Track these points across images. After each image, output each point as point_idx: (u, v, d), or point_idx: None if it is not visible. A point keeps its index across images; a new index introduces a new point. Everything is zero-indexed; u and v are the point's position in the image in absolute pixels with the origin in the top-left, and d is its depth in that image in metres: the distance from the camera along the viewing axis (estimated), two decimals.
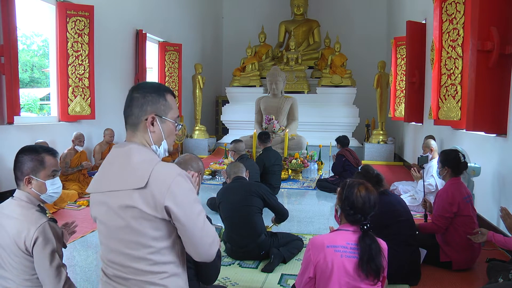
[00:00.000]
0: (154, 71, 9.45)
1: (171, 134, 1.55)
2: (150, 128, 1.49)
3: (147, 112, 1.48)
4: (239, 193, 3.45)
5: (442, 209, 3.18)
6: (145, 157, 1.45)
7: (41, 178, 1.96)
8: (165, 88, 1.55)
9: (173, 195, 1.38)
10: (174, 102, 1.56)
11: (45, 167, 1.97)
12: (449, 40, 4.76)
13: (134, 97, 1.50)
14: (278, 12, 12.75)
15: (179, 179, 1.41)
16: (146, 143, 1.50)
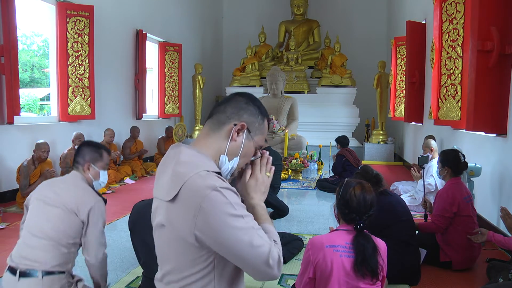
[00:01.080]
0: (154, 71, 9.45)
1: (247, 156, 1.32)
2: (233, 135, 1.27)
3: (241, 118, 1.28)
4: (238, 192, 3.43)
5: (442, 209, 3.17)
6: (185, 162, 1.21)
7: (97, 167, 2.36)
8: (267, 113, 1.38)
9: (204, 216, 1.12)
10: (265, 131, 1.37)
11: (102, 160, 2.40)
12: (449, 40, 4.76)
13: (236, 98, 1.32)
14: (278, 12, 12.75)
15: (214, 194, 1.12)
16: (218, 149, 1.28)
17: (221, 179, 1.18)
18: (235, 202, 1.14)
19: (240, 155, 1.29)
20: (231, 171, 1.31)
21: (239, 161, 1.30)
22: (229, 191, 1.15)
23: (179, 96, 9.66)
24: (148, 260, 2.10)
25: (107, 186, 6.11)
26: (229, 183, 1.20)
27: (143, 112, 8.44)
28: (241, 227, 1.12)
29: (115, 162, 6.98)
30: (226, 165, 1.28)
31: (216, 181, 1.15)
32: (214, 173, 1.19)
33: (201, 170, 1.18)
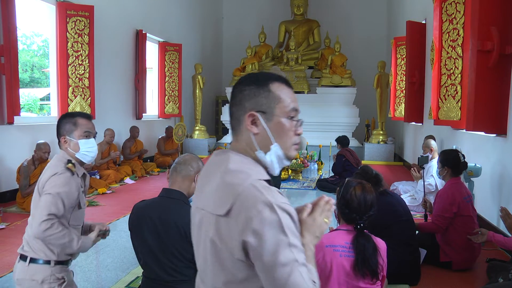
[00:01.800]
0: (154, 71, 9.45)
1: (285, 133, 1.16)
2: (252, 130, 1.15)
3: (246, 108, 1.16)
4: None
5: (442, 209, 3.18)
6: (235, 171, 1.11)
7: (75, 138, 2.16)
8: (268, 76, 1.20)
9: (253, 230, 1.01)
10: (286, 91, 1.18)
11: (78, 127, 2.17)
12: (449, 40, 4.76)
13: (232, 94, 1.21)
14: (278, 12, 12.75)
15: (273, 208, 1.01)
16: (251, 150, 1.16)
17: (278, 193, 1.07)
18: (287, 226, 1.02)
19: (274, 139, 1.15)
20: (279, 160, 1.17)
21: (279, 145, 1.15)
22: (284, 213, 1.03)
23: (179, 96, 9.66)
24: (148, 260, 2.10)
25: (106, 186, 6.11)
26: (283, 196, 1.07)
27: (143, 112, 8.44)
28: (288, 260, 1.00)
29: (115, 162, 6.98)
30: (267, 158, 1.15)
31: (273, 196, 1.04)
32: (263, 181, 1.09)
33: (254, 179, 1.07)
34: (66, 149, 2.17)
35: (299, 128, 1.21)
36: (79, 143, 2.16)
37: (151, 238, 2.06)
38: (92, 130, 2.22)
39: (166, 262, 2.04)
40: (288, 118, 1.17)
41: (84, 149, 2.18)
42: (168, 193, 2.14)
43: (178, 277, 2.05)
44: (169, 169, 2.23)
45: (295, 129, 1.19)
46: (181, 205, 2.10)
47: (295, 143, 1.19)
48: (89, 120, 2.23)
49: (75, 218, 2.14)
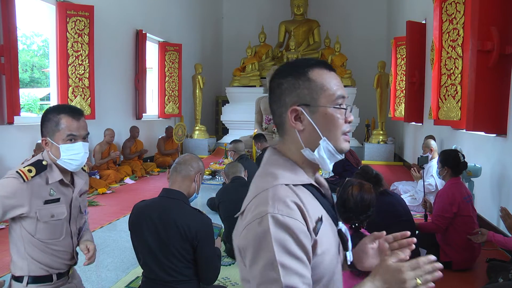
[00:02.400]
0: (154, 71, 9.45)
1: (333, 124, 1.03)
2: (296, 126, 1.03)
3: (287, 104, 1.04)
4: (239, 192, 3.44)
5: (442, 209, 3.18)
6: (266, 173, 1.04)
7: (56, 141, 1.81)
8: (306, 63, 1.06)
9: (246, 238, 0.96)
10: (328, 77, 1.04)
11: (59, 130, 1.81)
12: (449, 40, 4.76)
13: (270, 89, 1.10)
14: (278, 12, 12.75)
15: (266, 220, 0.92)
16: (296, 149, 1.06)
17: (292, 205, 0.94)
18: (279, 243, 0.91)
19: (322, 134, 1.03)
20: (330, 156, 1.04)
21: (328, 139, 1.03)
22: (280, 228, 0.91)
23: (179, 96, 9.66)
24: (148, 260, 2.10)
25: (106, 186, 6.11)
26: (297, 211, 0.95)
27: (143, 112, 8.44)
28: (272, 280, 0.90)
29: (115, 162, 6.98)
30: (316, 155, 1.04)
31: (276, 207, 0.93)
32: (300, 186, 1.01)
33: (277, 183, 0.99)
34: (47, 152, 1.85)
35: (349, 115, 1.06)
36: (61, 148, 1.80)
37: (151, 238, 2.06)
38: (78, 133, 1.83)
39: (166, 262, 2.04)
40: (335, 106, 1.03)
41: (67, 156, 1.82)
42: (168, 193, 2.14)
43: (178, 277, 2.05)
44: (169, 169, 2.23)
45: (344, 117, 1.05)
46: (181, 205, 2.10)
47: (344, 132, 1.05)
48: (77, 118, 1.83)
49: (42, 231, 1.82)
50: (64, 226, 1.90)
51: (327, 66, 1.07)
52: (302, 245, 0.92)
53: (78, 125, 1.84)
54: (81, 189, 2.02)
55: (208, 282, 2.18)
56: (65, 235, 1.91)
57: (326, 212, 1.06)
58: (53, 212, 1.83)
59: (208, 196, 5.40)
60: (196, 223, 2.04)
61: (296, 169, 1.05)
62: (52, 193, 1.83)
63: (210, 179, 7.01)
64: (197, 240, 2.03)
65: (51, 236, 1.85)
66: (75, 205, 1.96)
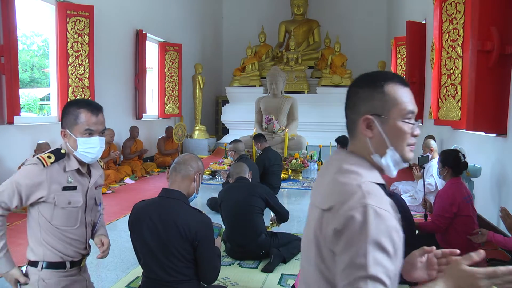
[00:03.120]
0: (154, 71, 9.45)
1: (401, 136, 1.12)
2: (366, 134, 1.14)
3: (360, 113, 1.15)
4: (241, 192, 3.46)
5: (442, 209, 3.17)
6: (347, 170, 1.11)
7: (74, 134, 1.92)
8: (384, 76, 1.15)
9: (343, 225, 1.00)
10: (402, 92, 1.13)
11: (78, 123, 1.91)
12: (449, 40, 4.76)
13: (347, 95, 1.20)
14: (278, 12, 12.75)
15: (367, 211, 0.98)
16: (367, 153, 1.15)
17: (386, 201, 1.03)
18: (376, 235, 0.96)
19: (390, 144, 1.12)
20: (395, 164, 1.14)
21: (395, 149, 1.12)
22: (380, 219, 0.98)
23: (179, 96, 9.66)
24: (148, 260, 2.10)
25: (106, 186, 6.11)
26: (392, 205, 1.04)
27: (143, 112, 8.44)
28: (367, 275, 0.94)
29: (115, 162, 6.98)
30: (382, 163, 1.13)
31: (374, 200, 1.00)
32: (378, 186, 1.08)
33: (365, 180, 1.06)
34: (65, 143, 1.96)
35: (416, 130, 1.15)
36: (78, 141, 1.91)
37: (151, 238, 2.06)
38: (96, 127, 1.93)
39: (166, 262, 2.04)
40: (405, 120, 1.13)
41: (83, 148, 1.92)
42: (168, 193, 2.14)
43: (178, 277, 2.05)
44: (169, 169, 2.23)
45: (411, 131, 1.14)
46: (180, 205, 2.10)
47: (410, 144, 1.15)
48: (96, 114, 1.93)
49: (59, 217, 1.90)
50: (79, 215, 1.97)
51: (403, 81, 1.16)
52: (393, 240, 0.99)
53: (96, 120, 1.94)
54: (97, 182, 2.09)
55: (208, 282, 2.18)
56: (80, 224, 1.98)
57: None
58: (70, 199, 1.92)
59: (208, 196, 5.40)
60: (196, 223, 2.04)
61: (373, 169, 1.14)
62: (70, 180, 1.93)
63: (210, 179, 7.01)
64: (197, 240, 2.03)
65: (67, 223, 1.93)
66: (91, 196, 2.04)
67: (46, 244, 1.89)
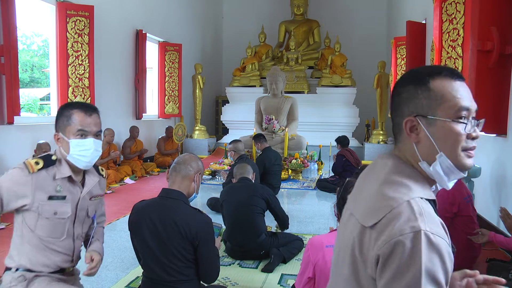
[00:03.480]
0: (154, 71, 9.45)
1: (452, 139, 0.97)
2: (411, 137, 1.00)
3: (404, 114, 1.01)
4: (243, 192, 3.47)
5: (442, 209, 3.17)
6: (396, 182, 0.98)
7: (67, 136, 1.79)
8: (429, 71, 1.00)
9: (391, 251, 0.88)
10: (451, 87, 0.98)
11: (70, 124, 1.78)
12: (449, 40, 4.76)
13: (391, 97, 1.07)
14: (278, 12, 12.75)
15: (419, 238, 0.86)
16: (414, 161, 1.02)
17: (437, 223, 0.92)
18: (428, 268, 0.85)
19: (440, 149, 0.98)
20: (448, 172, 1.00)
21: (445, 154, 0.98)
22: (432, 249, 0.86)
23: (179, 96, 9.66)
24: (148, 260, 2.10)
25: (106, 186, 6.11)
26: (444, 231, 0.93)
27: (143, 112, 8.44)
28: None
29: (115, 162, 6.98)
30: (431, 171, 1.00)
31: (427, 223, 0.88)
32: (429, 203, 0.96)
33: (414, 196, 0.94)
34: (59, 148, 1.84)
35: (474, 130, 0.99)
36: (70, 143, 1.78)
37: (151, 238, 2.06)
38: (90, 128, 1.80)
39: (166, 262, 2.04)
40: (456, 120, 0.97)
41: (76, 151, 1.78)
42: (168, 193, 2.14)
43: (178, 277, 2.05)
44: (169, 169, 2.23)
45: (467, 132, 0.97)
46: (181, 205, 2.10)
47: (466, 148, 0.98)
48: (89, 114, 1.81)
49: (43, 228, 1.78)
50: (67, 226, 1.84)
51: (453, 74, 1.00)
52: (446, 270, 0.88)
53: (90, 120, 1.81)
54: (92, 192, 1.95)
55: (209, 282, 2.18)
56: (67, 236, 1.85)
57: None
58: (57, 209, 1.79)
59: (208, 196, 5.40)
60: (196, 223, 2.04)
61: (423, 182, 1.01)
62: (59, 189, 1.79)
63: (210, 179, 7.01)
64: (198, 240, 2.03)
65: (51, 234, 1.80)
66: (82, 207, 1.90)
67: (26, 254, 1.79)
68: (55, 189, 1.78)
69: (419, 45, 7.03)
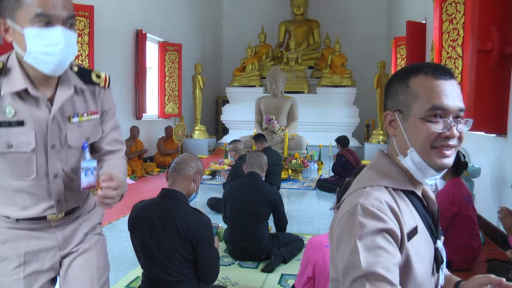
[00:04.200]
0: (154, 71, 9.45)
1: (421, 137, 0.98)
2: (388, 130, 1.07)
3: (387, 108, 1.07)
4: (250, 196, 3.34)
5: (442, 209, 3.17)
6: (366, 173, 1.07)
7: (19, 24, 1.18)
8: (413, 68, 1.03)
9: (339, 230, 0.98)
10: (429, 85, 0.98)
11: (23, 5, 1.15)
12: (449, 40, 4.76)
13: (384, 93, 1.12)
14: (278, 12, 12.75)
15: (356, 209, 0.95)
16: (395, 153, 1.07)
17: (381, 201, 0.95)
18: (367, 233, 0.90)
19: (411, 144, 1.00)
20: (420, 168, 1.00)
21: (415, 150, 1.00)
22: (369, 217, 0.91)
23: (179, 96, 9.66)
24: (148, 261, 2.10)
25: None
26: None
27: (143, 112, 8.44)
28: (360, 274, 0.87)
29: None
30: (405, 165, 1.03)
31: (367, 198, 0.95)
32: (401, 192, 1.01)
33: (375, 184, 1.00)
34: (11, 42, 1.23)
35: (448, 130, 0.98)
36: (26, 35, 1.17)
37: (151, 238, 2.06)
38: (54, 10, 1.17)
39: (165, 262, 2.04)
40: (424, 118, 0.97)
41: (37, 47, 1.18)
42: (168, 193, 2.14)
43: (178, 277, 2.05)
44: (169, 169, 2.23)
45: (437, 131, 0.97)
46: (180, 205, 2.10)
47: (436, 146, 0.98)
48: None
49: (4, 163, 1.29)
50: (35, 163, 1.31)
51: (437, 72, 0.99)
52: (386, 237, 0.90)
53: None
54: (76, 108, 1.35)
55: (208, 282, 2.18)
56: (37, 175, 1.33)
57: (425, 225, 1.04)
58: (11, 140, 1.25)
59: (207, 196, 5.40)
60: (195, 223, 2.05)
61: (400, 174, 1.04)
62: (10, 110, 1.23)
63: (210, 179, 7.00)
64: (197, 240, 2.03)
65: (12, 173, 1.31)
66: (54, 133, 1.32)
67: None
68: (3, 110, 1.23)
69: (419, 45, 7.03)
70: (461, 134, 1.02)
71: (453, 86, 1.00)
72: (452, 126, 0.98)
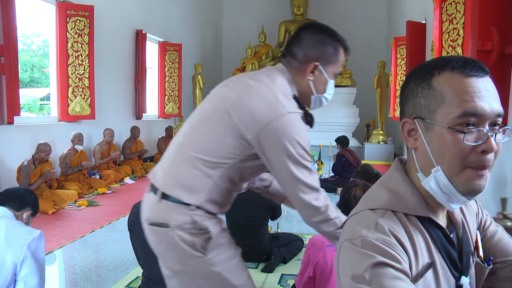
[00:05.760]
0: (154, 71, 9.45)
1: (447, 152, 0.78)
2: (407, 143, 0.88)
3: (404, 115, 0.91)
4: (249, 209, 3.26)
5: None
6: (376, 189, 1.00)
7: (328, 72, 1.40)
8: (438, 63, 0.86)
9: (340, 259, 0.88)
10: (460, 84, 0.78)
11: (338, 60, 1.39)
12: (449, 40, 4.76)
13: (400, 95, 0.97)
14: (278, 12, 12.75)
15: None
16: (414, 170, 0.91)
17: (381, 230, 0.79)
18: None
19: (436, 161, 0.80)
20: (445, 191, 0.79)
21: (442, 169, 0.79)
22: (370, 251, 0.76)
23: (179, 96, 9.66)
24: (148, 260, 2.10)
25: (106, 186, 6.11)
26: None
27: (143, 112, 8.44)
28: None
29: (115, 162, 6.98)
30: (427, 186, 0.84)
31: (371, 228, 0.79)
32: (391, 214, 0.85)
33: (384, 207, 0.87)
34: (308, 83, 1.51)
35: (484, 142, 0.77)
36: (329, 84, 1.44)
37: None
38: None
39: None
40: (455, 128, 0.75)
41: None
42: None
43: None
44: None
45: (470, 144, 0.75)
46: None
47: (469, 165, 0.77)
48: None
49: None
50: None
51: (467, 67, 0.77)
52: (391, 273, 0.73)
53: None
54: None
55: None
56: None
57: (444, 259, 0.83)
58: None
59: None
60: None
61: (415, 196, 0.84)
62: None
63: None
64: None
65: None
66: None
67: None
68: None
69: (419, 45, 7.03)
70: (498, 147, 0.81)
71: (488, 84, 0.80)
72: (490, 137, 0.77)
